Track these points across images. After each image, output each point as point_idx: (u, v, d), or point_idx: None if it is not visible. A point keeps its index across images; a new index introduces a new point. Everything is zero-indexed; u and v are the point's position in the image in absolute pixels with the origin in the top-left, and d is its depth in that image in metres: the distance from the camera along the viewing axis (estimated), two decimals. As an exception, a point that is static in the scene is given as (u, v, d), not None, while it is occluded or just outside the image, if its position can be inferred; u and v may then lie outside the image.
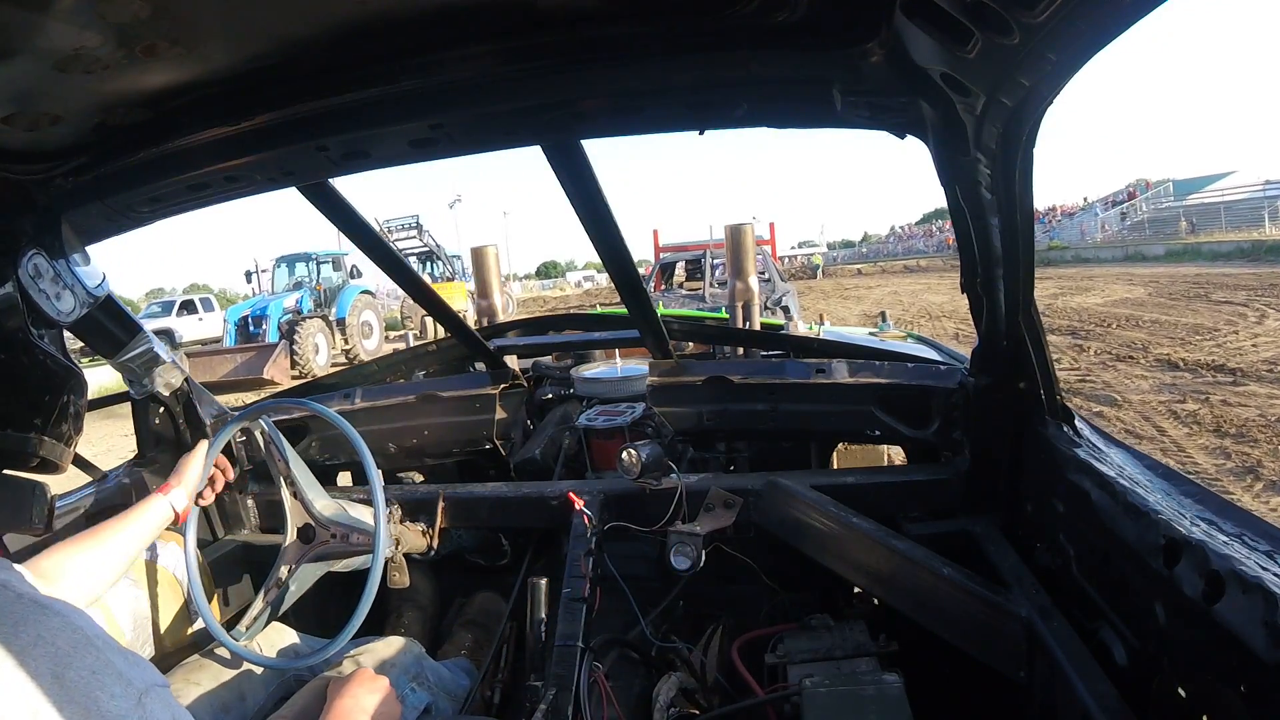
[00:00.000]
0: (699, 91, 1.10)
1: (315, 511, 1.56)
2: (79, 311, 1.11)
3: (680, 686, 1.56)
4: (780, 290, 9.04)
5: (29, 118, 0.99)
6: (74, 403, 0.98)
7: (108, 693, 0.70)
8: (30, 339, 0.94)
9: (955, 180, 1.16)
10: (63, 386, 0.96)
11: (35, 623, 0.71)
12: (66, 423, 0.97)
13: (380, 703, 1.21)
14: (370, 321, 17.51)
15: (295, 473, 1.57)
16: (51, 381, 0.94)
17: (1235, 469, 4.81)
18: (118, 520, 1.30)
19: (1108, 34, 0.68)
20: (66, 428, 0.97)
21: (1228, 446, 5.21)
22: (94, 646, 0.73)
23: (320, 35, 0.94)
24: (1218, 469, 4.85)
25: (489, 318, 3.25)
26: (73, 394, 0.98)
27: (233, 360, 12.86)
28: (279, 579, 1.54)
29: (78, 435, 1.01)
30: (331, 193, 1.51)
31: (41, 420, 0.92)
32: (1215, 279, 16.20)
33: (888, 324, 4.45)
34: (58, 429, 0.95)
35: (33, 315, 0.99)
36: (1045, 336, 1.38)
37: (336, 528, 1.56)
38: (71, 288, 1.10)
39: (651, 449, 1.72)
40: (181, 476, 1.44)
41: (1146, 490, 1.12)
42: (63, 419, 0.96)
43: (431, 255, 21.70)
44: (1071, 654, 1.17)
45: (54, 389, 0.95)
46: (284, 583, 1.53)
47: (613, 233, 1.56)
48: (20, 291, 0.99)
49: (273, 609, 1.53)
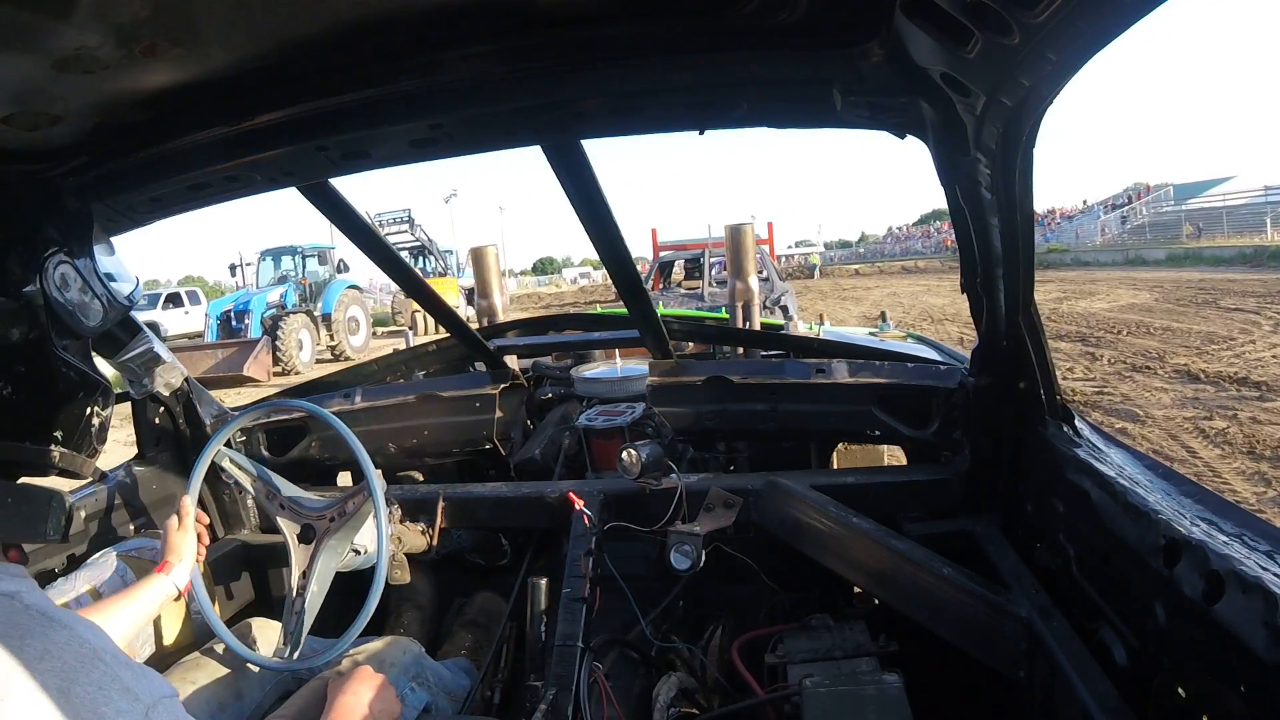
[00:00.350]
0: (699, 91, 1.10)
1: (306, 508, 1.57)
2: (106, 323, 1.08)
3: (680, 686, 1.56)
4: (779, 290, 9.05)
5: (29, 118, 0.98)
6: (97, 414, 0.97)
7: (114, 708, 0.70)
8: (53, 350, 0.92)
9: (955, 180, 1.16)
10: (86, 398, 0.95)
11: (43, 636, 0.70)
12: (89, 435, 0.95)
13: (381, 701, 1.21)
14: (357, 317, 17.19)
15: (277, 485, 1.59)
16: (74, 394, 0.93)
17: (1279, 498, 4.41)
18: (121, 598, 1.30)
19: (1108, 34, 0.68)
20: (89, 439, 0.95)
21: (1265, 471, 4.81)
22: (101, 661, 0.72)
23: (320, 35, 0.94)
24: (1259, 498, 4.45)
25: (489, 318, 3.25)
26: (96, 406, 0.96)
27: (213, 356, 12.33)
28: (297, 589, 1.53)
29: (100, 446, 0.99)
30: (331, 192, 1.52)
31: (63, 433, 0.91)
32: (1221, 285, 15.97)
33: (888, 324, 4.45)
34: (79, 441, 0.93)
35: (57, 326, 0.96)
36: (1045, 337, 1.38)
37: (331, 510, 1.56)
38: (100, 296, 1.06)
39: (651, 449, 1.72)
40: (177, 553, 1.41)
41: (1146, 490, 1.12)
42: (85, 431, 0.94)
43: (423, 250, 21.35)
44: (1071, 654, 1.16)
45: (76, 401, 0.93)
46: (302, 590, 1.52)
47: (613, 232, 1.56)
48: (45, 301, 0.96)
49: (301, 620, 1.50)
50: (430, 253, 21.69)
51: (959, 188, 1.16)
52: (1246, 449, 5.34)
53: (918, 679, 1.36)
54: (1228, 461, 5.18)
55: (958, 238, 1.31)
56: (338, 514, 1.55)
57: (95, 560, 1.57)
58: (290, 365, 14.03)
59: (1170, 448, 5.53)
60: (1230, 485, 4.75)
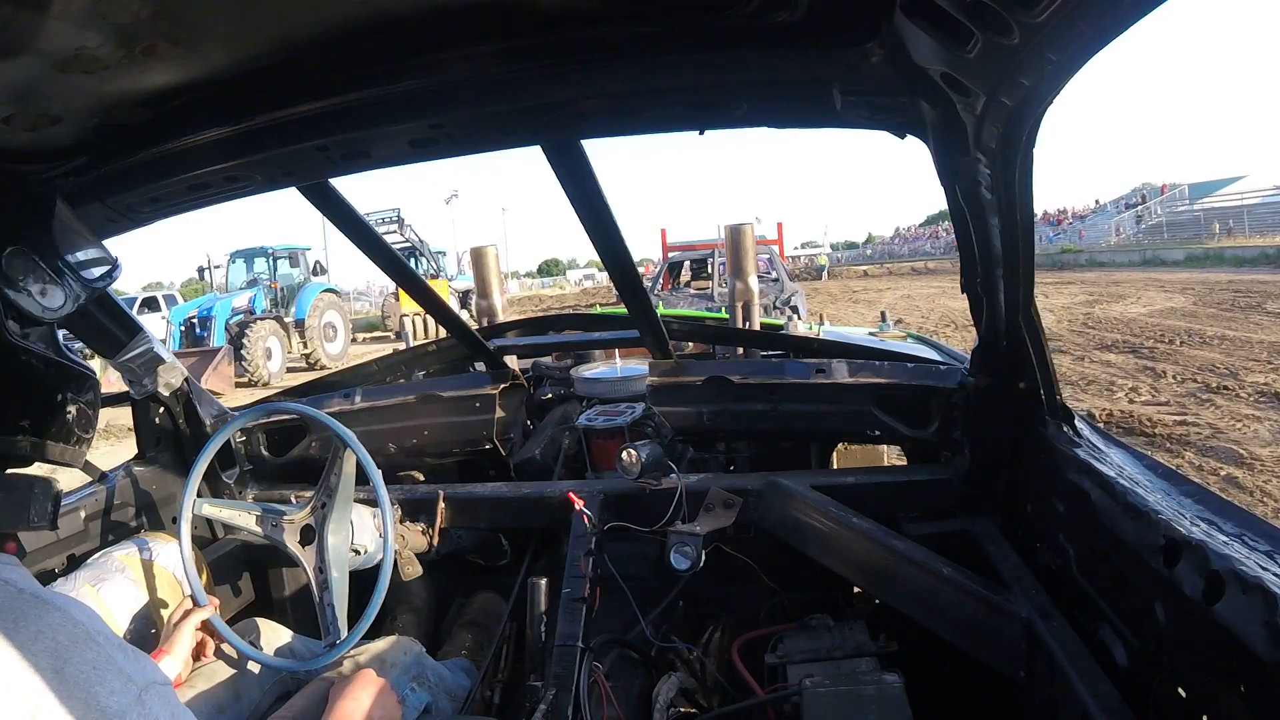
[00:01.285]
0: (699, 91, 1.10)
1: (293, 513, 1.57)
2: (71, 305, 1.06)
3: (680, 686, 1.56)
4: (789, 290, 9.05)
5: (29, 118, 0.98)
6: (73, 400, 0.96)
7: (107, 688, 0.70)
8: (10, 339, 0.91)
9: (955, 180, 1.16)
10: (58, 386, 0.94)
11: (36, 618, 0.71)
12: (66, 422, 0.95)
13: (382, 704, 1.21)
14: (334, 323, 15.94)
15: (258, 510, 1.59)
16: (41, 381, 0.92)
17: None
18: None
19: (1108, 34, 0.68)
20: (67, 427, 0.95)
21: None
22: (95, 642, 0.72)
23: (320, 35, 0.94)
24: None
25: (489, 318, 3.25)
26: (70, 391, 0.96)
27: (172, 367, 11.47)
28: (318, 584, 1.51)
29: (86, 432, 0.99)
30: (331, 193, 1.52)
31: (31, 421, 0.90)
32: (1252, 286, 15.19)
33: (888, 324, 4.45)
34: (52, 428, 0.93)
35: (13, 314, 0.94)
36: (1045, 337, 1.38)
37: (315, 499, 1.56)
38: (62, 282, 1.04)
39: (651, 449, 1.72)
40: (173, 645, 1.37)
41: (1146, 490, 1.12)
42: (58, 417, 0.94)
43: (414, 251, 20.48)
44: (1071, 654, 1.16)
45: (45, 389, 0.93)
46: (324, 580, 1.51)
47: (613, 233, 1.57)
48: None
49: (332, 608, 1.48)
50: (421, 254, 20.87)
51: (959, 188, 1.16)
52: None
53: (918, 679, 1.36)
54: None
55: (958, 238, 1.31)
56: (325, 497, 1.55)
57: (95, 560, 1.57)
58: (257, 375, 13.01)
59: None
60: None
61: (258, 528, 1.59)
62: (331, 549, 1.52)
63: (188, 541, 1.56)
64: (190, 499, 1.58)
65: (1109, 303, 15.30)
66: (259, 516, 1.59)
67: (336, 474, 1.54)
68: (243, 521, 1.60)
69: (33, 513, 0.88)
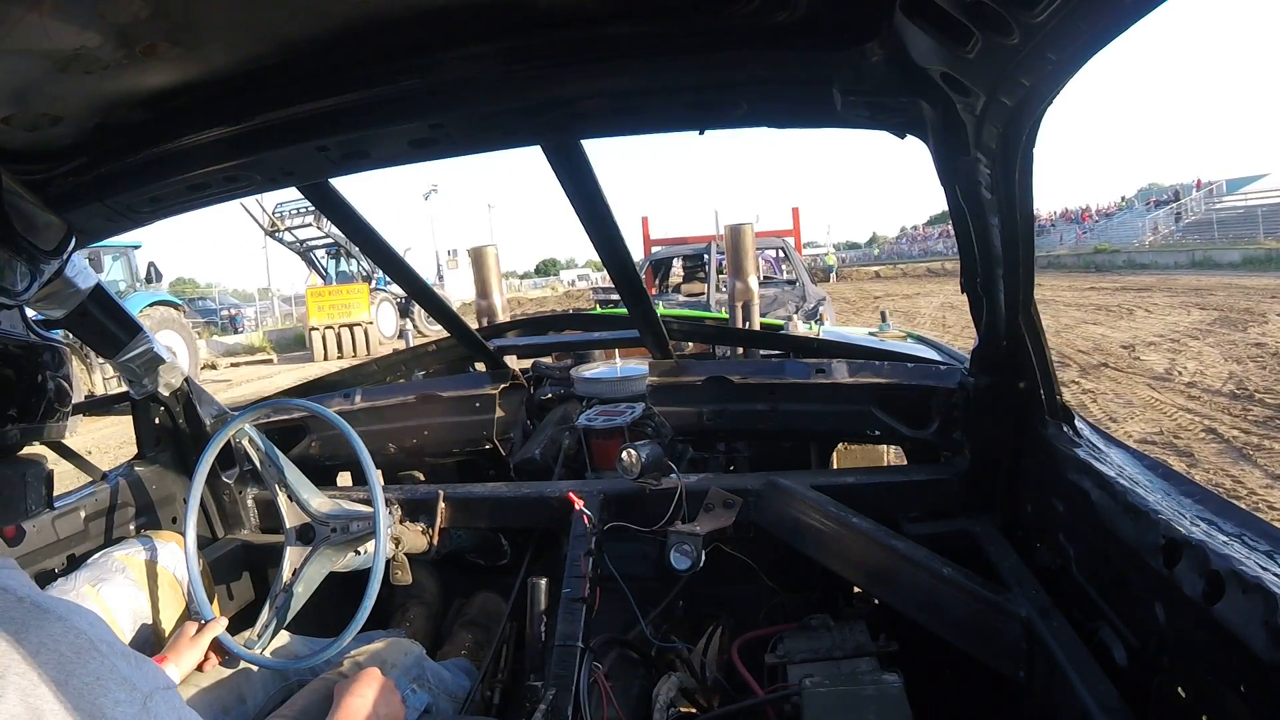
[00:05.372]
0: (699, 91, 1.10)
1: (312, 510, 1.57)
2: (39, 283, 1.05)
3: (680, 686, 1.56)
4: (813, 296, 7.00)
5: (29, 118, 0.98)
6: (51, 377, 0.96)
7: (112, 699, 0.70)
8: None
9: (955, 180, 1.16)
10: (32, 367, 0.94)
11: (38, 628, 0.70)
12: (47, 399, 0.94)
13: (387, 703, 1.22)
14: (173, 345, 11.48)
15: (288, 476, 1.59)
16: (20, 366, 0.92)
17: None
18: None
19: (1108, 34, 0.68)
20: (49, 404, 0.95)
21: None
22: (98, 651, 0.72)
23: (320, 35, 0.94)
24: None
25: (489, 318, 3.25)
26: (47, 370, 0.96)
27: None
28: (284, 584, 1.54)
29: (65, 405, 0.99)
30: (331, 192, 1.52)
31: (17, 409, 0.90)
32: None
33: (888, 324, 4.45)
34: (38, 410, 0.93)
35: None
36: (1045, 337, 1.39)
37: (335, 520, 1.56)
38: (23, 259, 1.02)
39: (651, 449, 1.72)
40: (179, 657, 1.38)
41: (1146, 490, 1.12)
42: (41, 398, 0.94)
43: (340, 250, 17.73)
44: (1071, 654, 1.16)
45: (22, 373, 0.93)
46: (289, 587, 1.53)
47: (612, 233, 1.57)
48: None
49: (279, 616, 1.52)
50: (348, 253, 17.94)
51: (959, 188, 1.16)
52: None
53: (918, 679, 1.36)
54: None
55: (958, 238, 1.31)
56: (340, 528, 1.56)
57: (95, 560, 1.56)
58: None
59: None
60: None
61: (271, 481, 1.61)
62: (312, 567, 1.56)
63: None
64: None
65: (1255, 324, 10.18)
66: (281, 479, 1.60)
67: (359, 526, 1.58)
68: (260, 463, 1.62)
69: (28, 497, 0.88)
